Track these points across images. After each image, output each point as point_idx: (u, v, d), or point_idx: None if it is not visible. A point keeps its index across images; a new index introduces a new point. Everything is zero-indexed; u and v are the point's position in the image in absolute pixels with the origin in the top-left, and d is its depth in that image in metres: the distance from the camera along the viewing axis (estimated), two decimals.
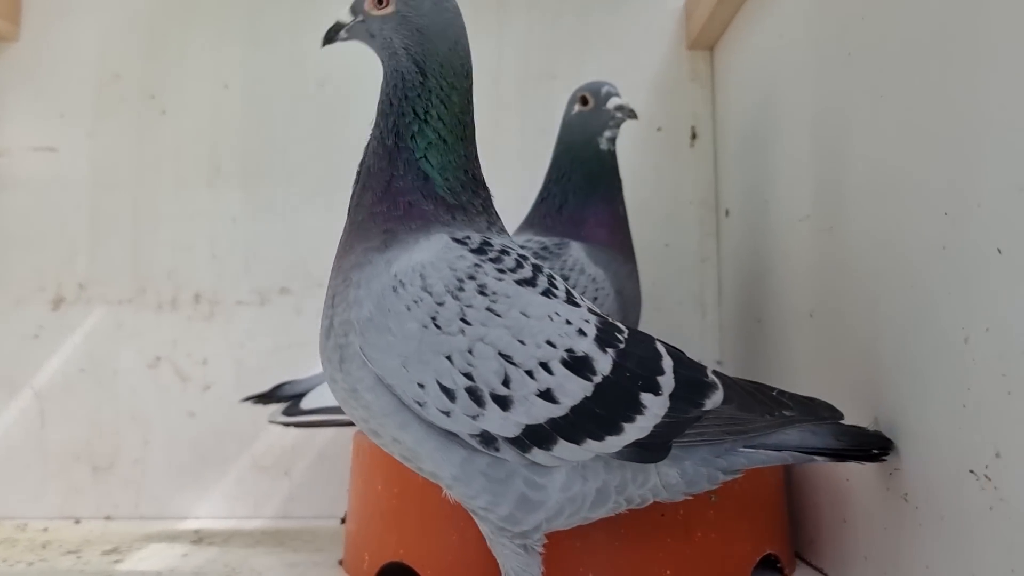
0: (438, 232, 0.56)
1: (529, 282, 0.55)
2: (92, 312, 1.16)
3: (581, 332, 0.54)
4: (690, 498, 0.61)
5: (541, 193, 0.93)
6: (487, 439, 0.52)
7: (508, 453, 0.53)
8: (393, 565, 0.76)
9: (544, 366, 0.52)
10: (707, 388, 0.57)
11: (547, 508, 0.54)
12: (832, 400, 0.64)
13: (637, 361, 0.55)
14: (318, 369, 0.84)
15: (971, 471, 0.54)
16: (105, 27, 1.21)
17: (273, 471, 1.15)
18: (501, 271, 0.55)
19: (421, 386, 0.51)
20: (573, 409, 0.52)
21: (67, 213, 1.18)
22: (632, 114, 0.91)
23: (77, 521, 1.11)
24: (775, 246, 0.95)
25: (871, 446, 0.63)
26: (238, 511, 1.14)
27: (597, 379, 0.53)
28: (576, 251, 0.85)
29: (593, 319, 0.56)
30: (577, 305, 0.56)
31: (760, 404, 0.59)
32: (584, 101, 0.92)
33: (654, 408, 0.54)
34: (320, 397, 0.92)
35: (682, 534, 0.71)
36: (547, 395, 0.52)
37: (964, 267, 0.55)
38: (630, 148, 1.18)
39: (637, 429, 0.53)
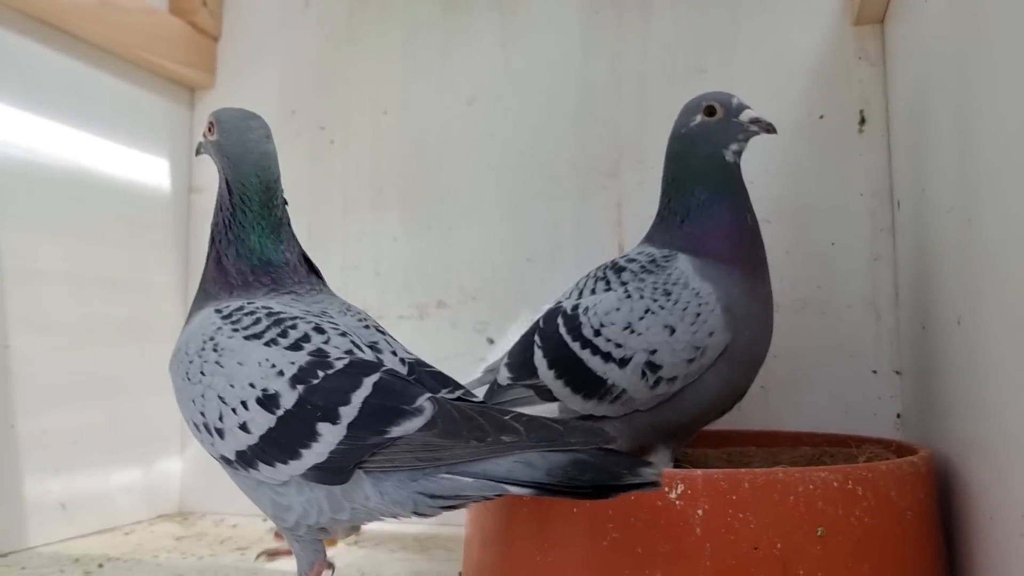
0: (208, 307, 0.70)
1: (257, 336, 0.64)
2: None
3: (280, 373, 0.62)
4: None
5: (660, 212, 0.87)
6: (226, 460, 0.64)
7: (241, 471, 0.63)
8: None
9: (244, 404, 0.62)
10: (399, 416, 0.58)
11: (295, 511, 0.63)
12: (977, 433, 0.53)
13: (323, 394, 0.60)
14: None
15: None
16: (283, 70, 1.34)
17: None
18: (235, 329, 0.65)
19: (185, 422, 0.67)
20: (262, 438, 0.61)
21: None
22: (771, 128, 0.83)
23: (265, 519, 1.22)
24: (931, 242, 0.83)
25: (602, 483, 0.54)
26: None
27: (280, 412, 0.60)
28: (683, 264, 0.79)
29: (303, 360, 0.62)
30: (299, 349, 0.63)
31: (474, 430, 0.57)
32: (710, 111, 0.84)
33: (329, 436, 0.59)
34: None
35: (779, 572, 0.64)
36: (244, 427, 0.62)
37: None
38: (788, 141, 1.09)
39: (314, 455, 0.59)
